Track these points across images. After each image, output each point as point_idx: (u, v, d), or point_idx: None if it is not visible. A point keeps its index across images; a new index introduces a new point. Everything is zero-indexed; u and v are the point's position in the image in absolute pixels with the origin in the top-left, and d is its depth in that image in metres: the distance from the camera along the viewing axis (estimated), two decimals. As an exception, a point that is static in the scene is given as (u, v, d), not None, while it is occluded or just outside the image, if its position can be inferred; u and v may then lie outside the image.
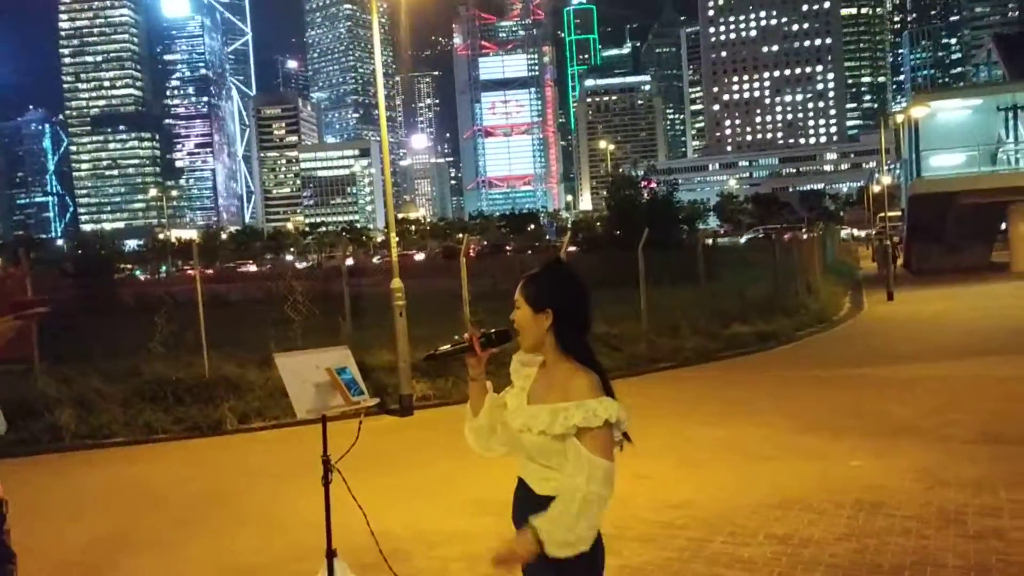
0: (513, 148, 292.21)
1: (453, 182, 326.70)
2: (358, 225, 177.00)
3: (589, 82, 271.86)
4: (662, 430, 8.63)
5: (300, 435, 9.72)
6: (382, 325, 12.79)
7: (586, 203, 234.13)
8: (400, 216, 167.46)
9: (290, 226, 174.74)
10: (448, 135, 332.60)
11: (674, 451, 7.83)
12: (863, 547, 5.14)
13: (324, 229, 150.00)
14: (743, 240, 63.48)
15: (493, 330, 2.62)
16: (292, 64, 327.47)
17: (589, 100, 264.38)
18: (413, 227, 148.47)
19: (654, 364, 13.30)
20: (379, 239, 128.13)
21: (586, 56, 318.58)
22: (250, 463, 8.76)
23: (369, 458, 8.47)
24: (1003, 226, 33.42)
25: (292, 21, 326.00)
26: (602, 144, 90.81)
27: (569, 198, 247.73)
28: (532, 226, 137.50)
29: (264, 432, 10.07)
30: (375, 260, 70.83)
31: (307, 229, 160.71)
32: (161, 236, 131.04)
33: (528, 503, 2.47)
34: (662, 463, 7.31)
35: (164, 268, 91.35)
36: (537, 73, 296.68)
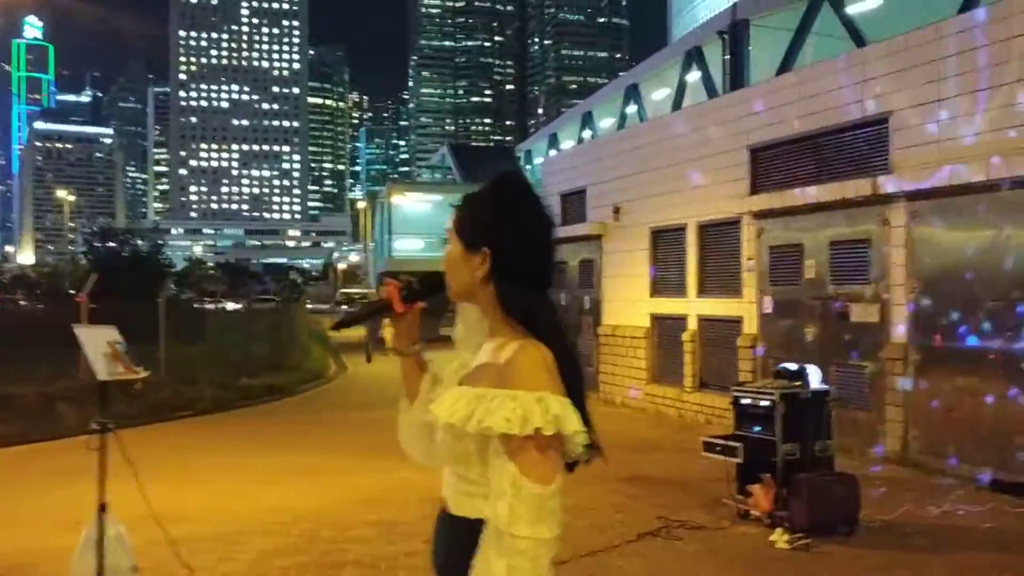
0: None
1: None
2: None
3: (40, 125, 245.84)
4: (215, 459, 9.23)
5: None
6: None
7: (28, 257, 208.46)
8: None
9: None
10: None
11: (240, 471, 8.53)
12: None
13: None
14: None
15: (413, 279, 1.94)
16: None
17: (40, 144, 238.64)
18: None
19: (177, 412, 13.52)
20: None
21: (38, 96, 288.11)
22: None
23: None
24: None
25: None
26: (61, 194, 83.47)
27: (9, 248, 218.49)
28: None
29: None
30: None
31: None
32: None
33: (443, 527, 1.75)
34: (228, 476, 8.00)
35: None
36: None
